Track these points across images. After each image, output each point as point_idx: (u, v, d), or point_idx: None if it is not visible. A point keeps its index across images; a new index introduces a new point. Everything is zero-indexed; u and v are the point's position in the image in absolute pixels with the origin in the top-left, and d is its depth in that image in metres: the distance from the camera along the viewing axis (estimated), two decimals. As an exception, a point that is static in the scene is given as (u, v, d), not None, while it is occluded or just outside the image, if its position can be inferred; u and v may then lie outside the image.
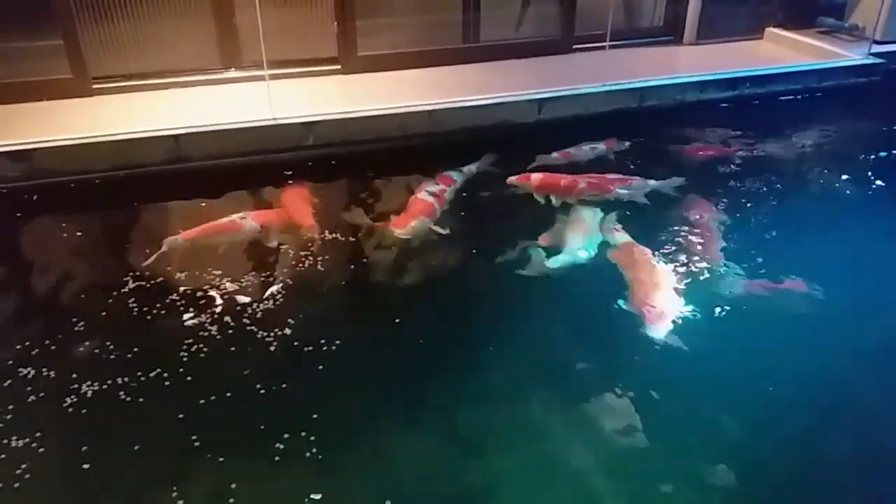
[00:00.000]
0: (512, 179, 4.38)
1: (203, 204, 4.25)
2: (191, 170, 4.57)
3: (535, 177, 4.38)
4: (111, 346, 3.15)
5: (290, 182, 4.45)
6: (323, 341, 3.19)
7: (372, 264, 3.83)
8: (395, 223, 3.87)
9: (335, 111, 4.86)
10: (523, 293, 3.60)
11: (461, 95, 5.15)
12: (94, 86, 5.13)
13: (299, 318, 3.33)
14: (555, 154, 4.81)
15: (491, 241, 4.01)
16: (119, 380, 2.95)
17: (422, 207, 3.99)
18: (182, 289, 3.51)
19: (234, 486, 2.53)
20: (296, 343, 3.20)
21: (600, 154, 4.90)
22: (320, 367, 3.09)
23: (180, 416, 2.82)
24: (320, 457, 2.65)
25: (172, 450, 2.70)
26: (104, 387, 2.92)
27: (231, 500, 2.48)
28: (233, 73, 5.47)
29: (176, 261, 3.67)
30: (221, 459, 2.63)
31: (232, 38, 5.41)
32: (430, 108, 4.99)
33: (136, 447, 2.68)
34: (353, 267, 3.79)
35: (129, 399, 2.89)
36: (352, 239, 3.97)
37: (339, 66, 5.63)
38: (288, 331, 3.25)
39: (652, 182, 4.44)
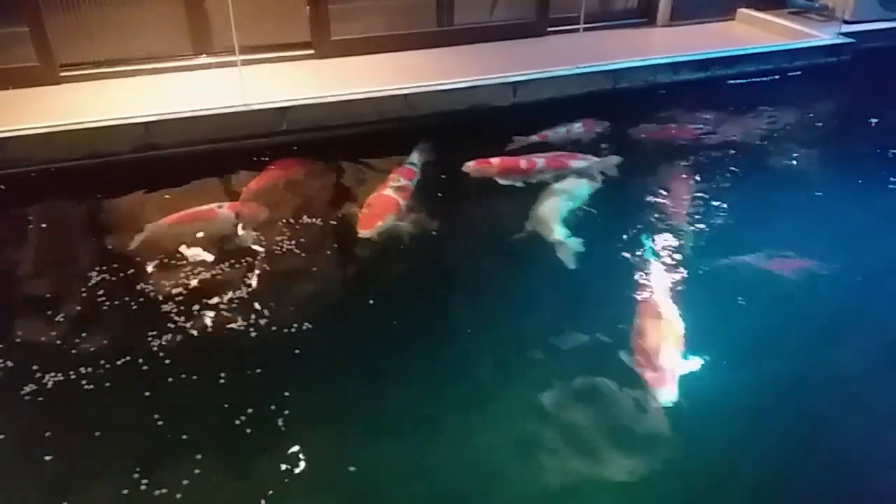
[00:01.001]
0: (470, 165, 4.31)
1: (173, 193, 4.20)
2: (162, 157, 4.51)
3: (494, 161, 4.34)
4: (83, 335, 3.12)
5: (264, 168, 4.42)
6: (296, 326, 3.19)
7: (345, 252, 3.80)
8: (361, 223, 3.75)
9: (309, 96, 4.82)
10: (492, 281, 3.62)
11: (436, 79, 5.13)
12: (62, 73, 5.04)
13: (270, 305, 3.31)
14: (533, 136, 4.82)
15: (460, 230, 3.99)
16: (83, 369, 2.93)
17: (386, 205, 3.87)
18: (154, 276, 3.49)
19: (198, 471, 2.53)
20: (268, 330, 3.18)
21: (578, 135, 4.92)
22: (296, 351, 3.10)
23: (147, 400, 2.81)
24: (291, 440, 2.66)
25: (139, 437, 2.69)
26: (71, 375, 2.90)
27: (198, 486, 2.48)
28: (204, 60, 5.40)
29: (148, 245, 3.64)
30: (187, 444, 2.63)
31: (203, 23, 5.33)
32: (405, 91, 4.97)
33: (97, 433, 2.68)
34: (327, 253, 3.77)
35: (94, 387, 2.87)
36: (326, 226, 3.95)
37: (312, 51, 5.58)
38: (260, 318, 3.24)
39: (603, 158, 4.50)
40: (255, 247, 3.73)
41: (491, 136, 4.78)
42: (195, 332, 3.15)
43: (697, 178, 4.44)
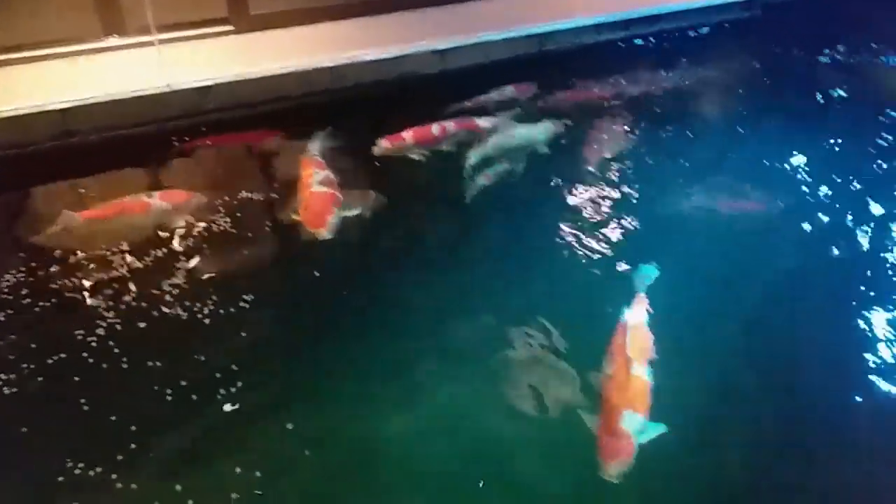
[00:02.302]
0: (384, 143, 4.25)
1: (98, 181, 4.07)
2: (82, 144, 4.34)
3: (408, 134, 4.31)
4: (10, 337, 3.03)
5: (190, 149, 4.31)
6: (236, 311, 3.17)
7: (282, 236, 3.74)
8: (312, 224, 3.58)
9: (231, 73, 4.70)
10: (430, 254, 3.69)
11: (361, 49, 5.07)
12: (-36, 61, 4.76)
13: (209, 290, 3.28)
14: (466, 103, 4.84)
15: (397, 204, 3.97)
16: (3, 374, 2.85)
17: (328, 199, 3.73)
18: (82, 271, 3.38)
19: (134, 456, 2.54)
20: (209, 316, 3.16)
21: (510, 98, 4.96)
22: (242, 333, 3.08)
23: (75, 397, 2.77)
24: (236, 424, 2.69)
25: (69, 436, 2.67)
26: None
27: (132, 475, 2.48)
28: (118, 41, 5.16)
29: (73, 240, 3.51)
30: (123, 437, 2.61)
31: (112, 2, 5.10)
32: (330, 64, 4.90)
33: (25, 429, 2.65)
34: (264, 237, 3.73)
35: (17, 389, 2.80)
36: (259, 208, 3.89)
37: (231, 27, 5.42)
38: (202, 306, 3.21)
39: (504, 116, 4.62)
40: (187, 234, 3.65)
41: (421, 105, 4.78)
42: (135, 325, 3.10)
43: (624, 132, 4.60)
